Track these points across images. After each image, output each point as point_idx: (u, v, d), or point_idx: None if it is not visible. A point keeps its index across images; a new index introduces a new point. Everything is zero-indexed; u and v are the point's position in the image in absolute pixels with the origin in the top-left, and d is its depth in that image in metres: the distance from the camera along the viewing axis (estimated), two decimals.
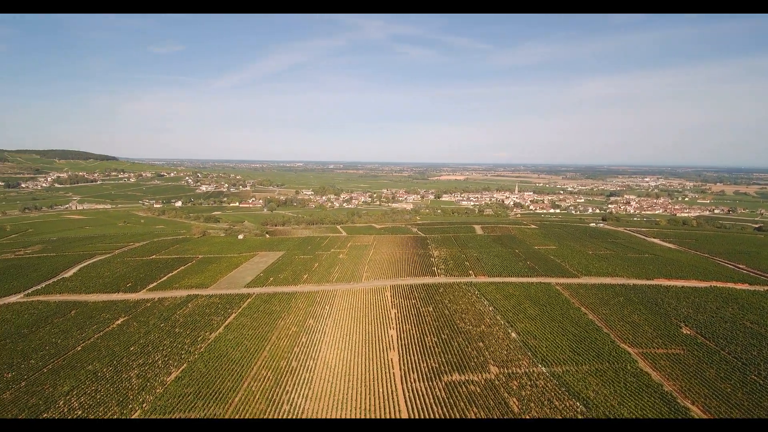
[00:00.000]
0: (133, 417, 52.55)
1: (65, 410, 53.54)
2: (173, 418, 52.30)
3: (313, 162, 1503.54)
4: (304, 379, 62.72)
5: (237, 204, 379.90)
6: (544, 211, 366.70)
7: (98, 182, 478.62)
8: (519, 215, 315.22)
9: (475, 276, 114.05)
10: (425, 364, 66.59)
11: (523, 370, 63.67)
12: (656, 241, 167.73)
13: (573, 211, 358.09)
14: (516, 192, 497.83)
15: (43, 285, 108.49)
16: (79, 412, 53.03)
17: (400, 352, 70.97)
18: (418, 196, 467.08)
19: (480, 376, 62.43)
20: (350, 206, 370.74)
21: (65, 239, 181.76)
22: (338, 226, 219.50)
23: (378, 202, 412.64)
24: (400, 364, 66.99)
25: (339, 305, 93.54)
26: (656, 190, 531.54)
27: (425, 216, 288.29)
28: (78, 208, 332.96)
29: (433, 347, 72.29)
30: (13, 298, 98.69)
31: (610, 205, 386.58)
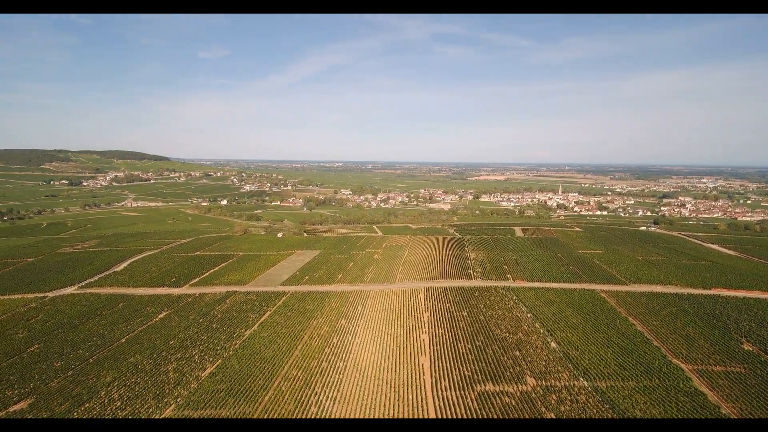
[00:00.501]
0: (166, 411, 54.03)
1: (106, 401, 55.87)
2: (193, 417, 53.23)
3: (352, 162, 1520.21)
4: (334, 381, 62.24)
5: (278, 203, 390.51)
6: (590, 213, 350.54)
7: (152, 181, 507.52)
8: (562, 217, 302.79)
9: (513, 280, 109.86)
10: (457, 372, 64.30)
11: (562, 384, 59.98)
12: (714, 246, 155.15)
13: (621, 214, 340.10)
14: (559, 193, 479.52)
15: (96, 278, 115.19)
16: (119, 404, 55.19)
17: (432, 357, 69.05)
18: (456, 197, 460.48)
19: (515, 388, 59.43)
20: (387, 206, 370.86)
21: (119, 235, 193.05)
22: (374, 226, 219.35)
23: (415, 202, 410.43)
24: (431, 370, 65.09)
25: (372, 306, 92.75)
26: (714, 192, 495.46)
27: (463, 217, 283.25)
28: (132, 205, 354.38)
29: (467, 354, 69.79)
30: (68, 290, 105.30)
31: (662, 208, 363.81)
